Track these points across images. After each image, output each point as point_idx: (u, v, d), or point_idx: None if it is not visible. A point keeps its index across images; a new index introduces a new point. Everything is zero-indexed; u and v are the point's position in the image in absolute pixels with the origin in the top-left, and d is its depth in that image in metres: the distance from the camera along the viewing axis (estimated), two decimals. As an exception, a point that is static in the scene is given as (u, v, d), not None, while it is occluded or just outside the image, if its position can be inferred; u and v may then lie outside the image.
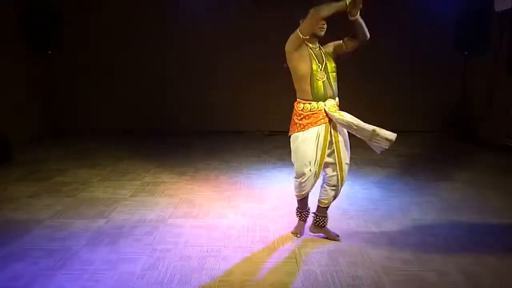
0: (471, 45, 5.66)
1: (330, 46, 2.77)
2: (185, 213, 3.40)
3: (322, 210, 2.91)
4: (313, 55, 2.64)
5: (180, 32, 6.18)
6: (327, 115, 2.65)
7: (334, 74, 2.71)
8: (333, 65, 2.72)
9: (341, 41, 2.74)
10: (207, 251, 2.76)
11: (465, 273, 2.47)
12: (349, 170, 4.52)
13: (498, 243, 2.88)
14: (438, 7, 6.01)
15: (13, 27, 5.44)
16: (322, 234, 2.95)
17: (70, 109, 6.25)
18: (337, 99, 2.74)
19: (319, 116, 2.65)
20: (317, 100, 2.63)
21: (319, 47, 2.72)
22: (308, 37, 2.58)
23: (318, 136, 2.66)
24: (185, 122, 6.50)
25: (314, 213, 2.96)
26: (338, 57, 2.78)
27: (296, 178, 2.81)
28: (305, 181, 2.74)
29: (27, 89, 5.79)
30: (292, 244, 2.86)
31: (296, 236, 2.97)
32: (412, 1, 6.12)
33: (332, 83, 2.67)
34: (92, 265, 2.56)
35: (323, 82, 2.62)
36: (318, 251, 2.75)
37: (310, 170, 2.69)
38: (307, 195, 2.91)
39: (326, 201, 2.87)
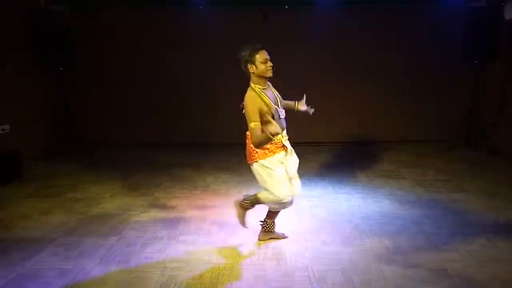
0: (481, 54, 5.59)
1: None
2: (197, 229, 3.40)
3: (272, 216, 3.15)
4: (268, 100, 2.80)
5: (187, 47, 6.22)
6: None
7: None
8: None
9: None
10: (219, 269, 2.75)
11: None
12: (360, 182, 4.58)
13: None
14: (448, 16, 5.96)
15: (25, 44, 5.53)
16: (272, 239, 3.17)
17: (81, 124, 6.28)
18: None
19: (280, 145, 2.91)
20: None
21: (268, 86, 2.93)
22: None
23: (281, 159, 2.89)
24: (194, 134, 6.50)
25: (263, 220, 3.18)
26: None
27: (278, 201, 2.89)
28: (285, 202, 2.90)
29: (39, 104, 5.86)
30: (305, 261, 2.84)
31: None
32: (421, 9, 6.08)
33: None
34: (105, 286, 2.55)
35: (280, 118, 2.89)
36: (331, 269, 2.72)
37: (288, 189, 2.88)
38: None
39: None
